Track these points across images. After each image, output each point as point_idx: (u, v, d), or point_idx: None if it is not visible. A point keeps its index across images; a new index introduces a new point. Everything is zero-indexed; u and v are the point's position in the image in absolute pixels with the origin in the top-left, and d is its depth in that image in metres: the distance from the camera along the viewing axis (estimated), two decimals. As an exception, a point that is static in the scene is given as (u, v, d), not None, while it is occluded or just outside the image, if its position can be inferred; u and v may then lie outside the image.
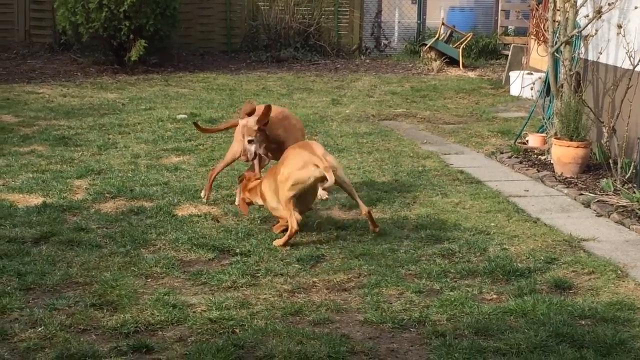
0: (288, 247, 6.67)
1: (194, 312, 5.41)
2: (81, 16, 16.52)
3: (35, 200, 7.87)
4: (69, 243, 6.63)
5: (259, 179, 7.16)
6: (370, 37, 22.00)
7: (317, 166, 6.59)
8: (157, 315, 5.29)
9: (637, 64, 8.78)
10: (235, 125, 7.65)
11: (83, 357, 4.73)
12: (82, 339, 4.97)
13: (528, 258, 6.54)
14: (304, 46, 20.23)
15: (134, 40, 16.66)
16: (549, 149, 9.90)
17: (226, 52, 20.23)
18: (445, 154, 10.41)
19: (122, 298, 5.56)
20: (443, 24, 20.20)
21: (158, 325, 5.19)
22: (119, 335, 5.05)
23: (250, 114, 7.27)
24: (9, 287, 5.70)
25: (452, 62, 19.54)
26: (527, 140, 10.77)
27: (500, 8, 21.09)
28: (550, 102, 10.44)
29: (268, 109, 7.21)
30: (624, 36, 8.93)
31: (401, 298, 5.72)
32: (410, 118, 13.10)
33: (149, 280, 5.98)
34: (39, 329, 5.07)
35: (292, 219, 6.62)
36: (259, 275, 6.09)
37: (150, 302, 5.51)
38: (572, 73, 9.71)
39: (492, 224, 7.42)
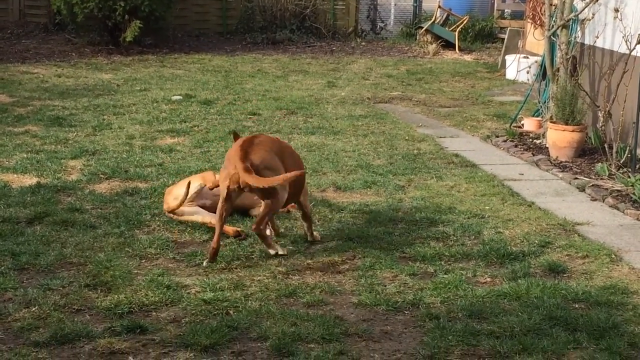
0: (282, 230, 6.67)
1: (188, 293, 5.40)
2: (76, -4, 16.46)
3: (30, 180, 7.85)
4: (63, 223, 6.62)
5: None
6: (366, 19, 21.95)
7: None
8: (151, 296, 5.29)
9: (634, 48, 8.76)
10: None
11: (77, 337, 4.73)
12: (76, 319, 4.97)
13: (522, 242, 6.55)
14: (299, 28, 20.18)
15: (129, 20, 16.60)
16: (544, 132, 9.90)
17: (221, 34, 20.17)
18: (440, 137, 10.40)
19: (116, 279, 5.55)
20: (439, 7, 20.16)
21: (152, 306, 5.19)
22: (113, 315, 5.04)
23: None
24: (3, 267, 5.68)
25: (448, 45, 19.51)
26: (523, 124, 10.77)
27: (496, -9, 21.06)
28: (546, 86, 10.43)
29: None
30: (621, 20, 8.91)
31: (395, 281, 5.73)
32: (405, 101, 13.08)
33: (143, 261, 5.97)
34: (33, 309, 5.07)
35: None
36: (253, 256, 6.09)
37: (144, 282, 5.51)
38: (568, 57, 9.70)
39: (487, 207, 7.43)
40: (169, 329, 4.89)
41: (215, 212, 6.18)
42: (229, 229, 6.48)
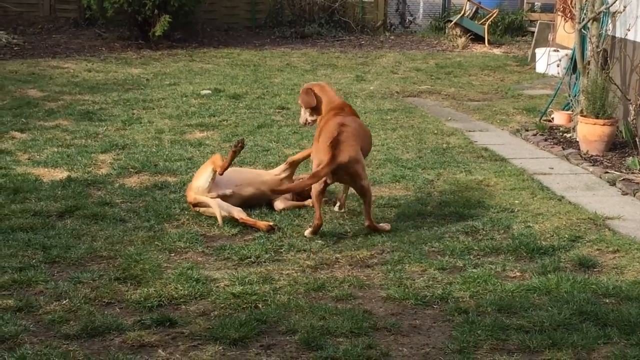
0: (310, 223, 6.67)
1: (217, 286, 5.42)
2: (106, -9, 16.57)
3: (60, 174, 7.91)
4: (93, 217, 6.67)
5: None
6: (395, 13, 21.89)
7: None
8: (181, 290, 5.31)
9: (666, 41, 8.68)
10: None
11: (107, 330, 4.76)
12: (106, 312, 5.00)
13: (552, 236, 6.50)
14: (328, 22, 20.17)
15: (158, 15, 16.66)
16: (574, 126, 9.83)
17: (250, 28, 20.20)
18: (469, 131, 10.36)
19: (146, 272, 5.58)
20: (469, 0, 20.05)
21: (181, 300, 5.21)
22: (143, 309, 5.07)
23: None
24: (34, 260, 5.74)
25: (478, 38, 19.42)
26: (553, 118, 10.70)
27: (526, -16, 20.91)
28: (576, 79, 10.35)
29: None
30: (653, 13, 8.83)
31: (424, 275, 5.71)
32: (434, 95, 13.04)
33: (173, 254, 6.00)
34: (64, 302, 5.11)
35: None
36: (282, 250, 6.10)
37: (173, 276, 5.53)
38: (599, 50, 9.62)
39: (517, 201, 7.39)
40: (198, 322, 4.91)
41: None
42: (262, 223, 6.51)
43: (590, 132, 9.13)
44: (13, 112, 10.59)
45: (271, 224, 6.52)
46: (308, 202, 7.01)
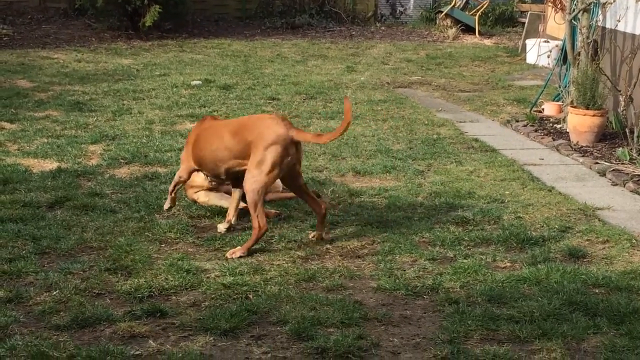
0: (300, 214, 6.67)
1: (208, 277, 5.42)
2: (96, -19, 16.51)
3: (50, 165, 7.89)
4: (83, 208, 6.65)
5: None
6: (386, 4, 21.87)
7: None
8: (171, 280, 5.31)
9: (656, 32, 8.69)
10: None
11: (97, 321, 4.76)
12: (96, 303, 4.99)
13: (542, 226, 6.52)
14: (319, 13, 20.15)
15: (148, 5, 16.62)
16: (564, 117, 9.84)
17: (241, 19, 20.16)
18: (460, 121, 10.37)
19: (137, 263, 5.58)
20: (459, -9, 20.05)
21: (172, 290, 5.21)
22: (133, 299, 5.07)
23: None
24: (24, 251, 5.72)
25: (468, 29, 19.43)
26: (543, 109, 10.72)
27: (517, -25, 20.90)
28: (566, 70, 10.36)
29: None
30: (643, 4, 8.83)
31: (415, 265, 5.72)
32: (425, 86, 13.04)
33: (163, 245, 6.00)
34: (54, 293, 5.10)
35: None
36: (272, 241, 6.10)
37: (164, 267, 5.53)
38: (589, 41, 9.63)
39: (507, 192, 7.40)
40: (189, 313, 4.91)
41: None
42: (269, 211, 6.53)
43: (580, 123, 9.15)
44: (2, 103, 10.56)
45: (278, 211, 6.56)
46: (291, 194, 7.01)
